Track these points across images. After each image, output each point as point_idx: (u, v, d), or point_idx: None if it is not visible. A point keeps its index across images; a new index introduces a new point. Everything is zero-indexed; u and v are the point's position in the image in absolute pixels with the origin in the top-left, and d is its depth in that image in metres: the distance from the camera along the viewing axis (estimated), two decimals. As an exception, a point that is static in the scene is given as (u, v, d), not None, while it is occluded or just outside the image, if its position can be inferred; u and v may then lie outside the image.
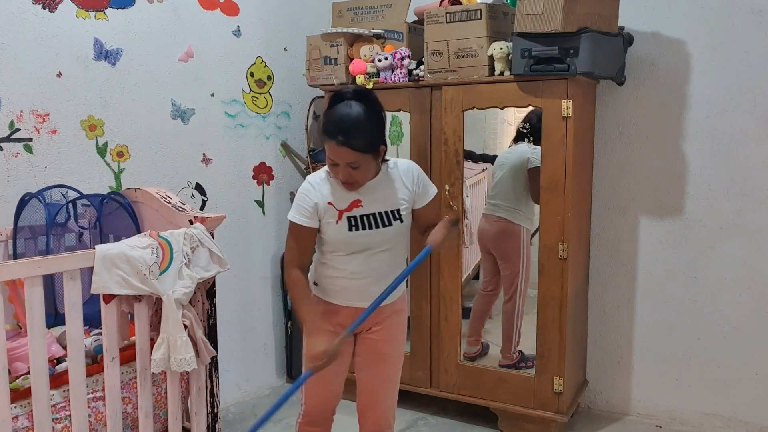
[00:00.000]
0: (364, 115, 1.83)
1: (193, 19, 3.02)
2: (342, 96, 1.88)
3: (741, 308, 2.84)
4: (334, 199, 1.95)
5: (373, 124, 1.86)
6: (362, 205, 1.95)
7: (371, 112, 1.86)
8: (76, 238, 2.48)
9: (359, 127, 1.82)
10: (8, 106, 2.38)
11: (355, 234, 1.96)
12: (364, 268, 2.00)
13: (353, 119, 1.82)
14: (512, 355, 3.07)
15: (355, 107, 1.84)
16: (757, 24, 2.69)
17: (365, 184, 1.94)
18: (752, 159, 2.76)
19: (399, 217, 2.00)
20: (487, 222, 3.20)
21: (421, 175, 2.06)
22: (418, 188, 2.04)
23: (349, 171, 1.86)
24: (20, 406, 1.98)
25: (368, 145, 1.84)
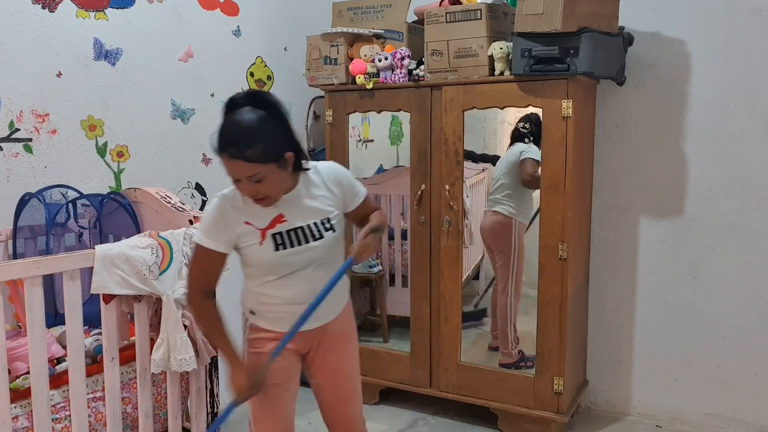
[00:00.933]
0: (258, 120, 1.60)
1: (193, 19, 3.02)
2: (234, 103, 1.65)
3: (741, 308, 2.84)
4: (252, 217, 1.72)
5: (270, 130, 1.62)
6: (286, 219, 1.73)
7: (267, 116, 1.62)
8: (76, 238, 2.48)
9: (252, 135, 1.58)
10: (8, 106, 2.38)
11: (283, 253, 1.73)
12: (305, 290, 1.77)
13: (244, 127, 1.59)
14: (511, 353, 3.08)
15: (246, 113, 1.61)
16: (757, 24, 2.69)
17: (282, 196, 1.72)
18: (752, 159, 2.76)
19: (331, 227, 1.79)
20: (485, 217, 3.30)
21: (347, 176, 1.87)
22: (345, 190, 1.84)
23: (254, 186, 1.62)
24: (20, 406, 1.98)
25: (266, 154, 1.59)
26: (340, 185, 1.83)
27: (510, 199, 3.14)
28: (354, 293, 3.36)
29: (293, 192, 1.75)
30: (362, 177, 3.60)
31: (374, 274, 3.51)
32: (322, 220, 1.78)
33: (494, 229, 3.22)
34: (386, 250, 3.68)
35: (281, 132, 1.65)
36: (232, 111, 1.64)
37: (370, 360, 3.18)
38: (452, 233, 2.89)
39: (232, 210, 1.72)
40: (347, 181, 1.86)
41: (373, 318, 3.66)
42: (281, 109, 1.68)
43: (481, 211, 3.55)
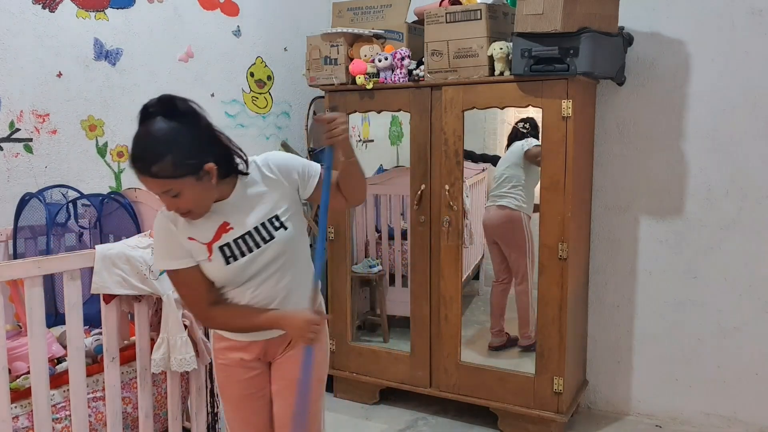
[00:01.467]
0: (166, 132, 1.46)
1: (193, 19, 3.02)
2: (145, 111, 1.51)
3: (741, 308, 2.84)
4: (194, 232, 1.59)
5: (182, 141, 1.46)
6: (232, 226, 1.60)
7: (179, 126, 1.47)
8: (76, 238, 2.48)
9: (159, 148, 1.44)
10: (8, 106, 2.38)
11: (235, 266, 1.61)
12: (266, 295, 1.66)
13: (151, 140, 1.46)
14: (531, 336, 3.12)
15: (155, 124, 1.47)
16: (757, 24, 2.69)
17: (223, 202, 1.59)
18: (752, 159, 2.76)
19: (281, 224, 1.65)
20: (489, 212, 3.34)
21: (290, 161, 1.69)
22: (292, 177, 1.67)
23: (173, 201, 1.50)
24: (20, 406, 1.98)
25: (177, 168, 1.44)
26: (285, 173, 1.67)
27: (516, 191, 3.21)
28: (354, 293, 3.36)
29: (233, 195, 1.61)
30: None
31: (374, 274, 3.51)
32: (270, 219, 1.64)
33: (504, 226, 3.27)
34: (386, 250, 3.68)
35: (196, 142, 1.49)
36: (143, 121, 1.51)
37: (370, 360, 3.19)
38: (452, 233, 2.89)
39: (173, 226, 1.59)
40: (292, 165, 1.68)
41: (373, 318, 3.66)
42: (197, 115, 1.52)
43: (481, 211, 3.56)
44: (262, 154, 1.70)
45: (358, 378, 3.22)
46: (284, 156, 1.71)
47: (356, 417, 3.11)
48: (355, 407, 3.20)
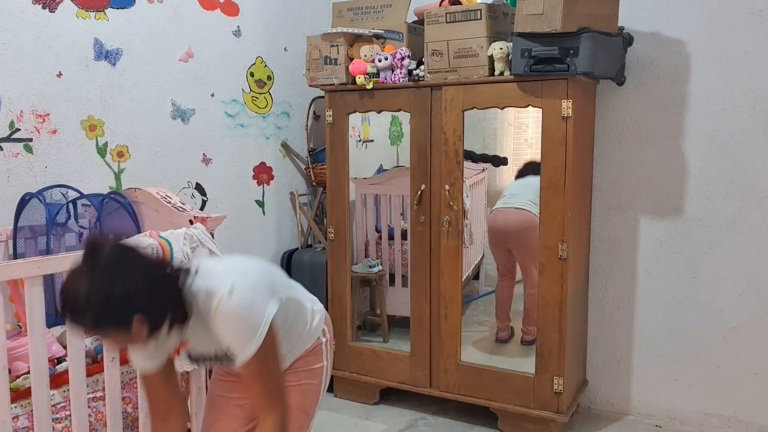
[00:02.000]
0: (88, 289, 1.33)
1: (193, 19, 3.02)
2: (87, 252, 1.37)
3: (741, 308, 2.84)
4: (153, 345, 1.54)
5: (103, 299, 1.33)
6: (190, 345, 1.59)
7: (99, 282, 1.33)
8: (76, 238, 2.47)
9: (79, 305, 1.33)
10: (8, 106, 2.38)
11: (200, 365, 1.70)
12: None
13: (71, 296, 1.34)
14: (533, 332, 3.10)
15: (78, 278, 1.34)
16: (757, 24, 2.69)
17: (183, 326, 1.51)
18: (752, 159, 2.76)
19: (221, 359, 1.62)
20: (506, 214, 3.28)
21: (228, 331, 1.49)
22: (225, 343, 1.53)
23: (106, 341, 1.49)
24: (20, 406, 1.98)
25: (99, 324, 1.37)
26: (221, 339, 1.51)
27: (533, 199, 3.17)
28: (354, 293, 3.36)
29: (191, 320, 1.51)
30: (362, 177, 3.61)
31: (374, 274, 3.51)
32: (225, 352, 1.56)
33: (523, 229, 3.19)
34: (386, 250, 3.68)
35: (121, 297, 1.35)
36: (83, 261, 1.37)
37: (370, 360, 3.19)
38: (452, 233, 2.89)
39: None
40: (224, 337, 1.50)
41: (373, 318, 3.66)
42: (127, 265, 1.38)
43: (481, 211, 3.56)
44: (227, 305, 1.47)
45: (358, 378, 3.22)
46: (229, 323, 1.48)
47: (356, 417, 3.11)
48: (355, 407, 3.20)
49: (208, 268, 1.55)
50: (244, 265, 1.62)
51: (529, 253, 3.23)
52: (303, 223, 3.62)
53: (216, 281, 1.49)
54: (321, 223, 3.65)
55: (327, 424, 3.02)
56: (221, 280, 1.50)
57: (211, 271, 1.54)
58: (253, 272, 1.59)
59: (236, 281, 1.50)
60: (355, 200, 3.54)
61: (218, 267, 1.58)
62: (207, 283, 1.49)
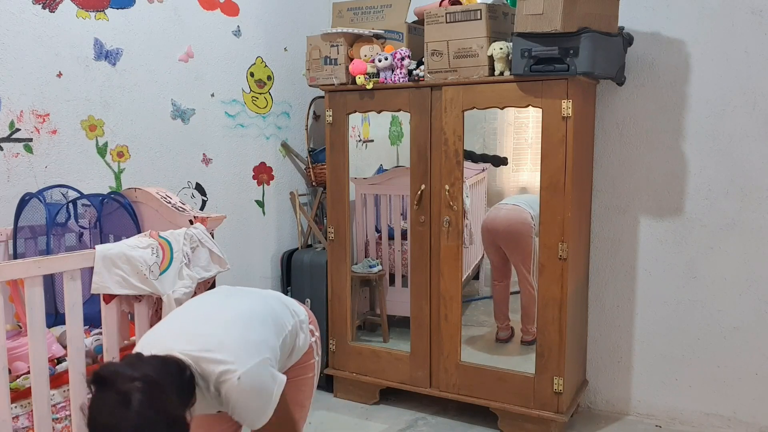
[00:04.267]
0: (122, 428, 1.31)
1: (193, 19, 3.02)
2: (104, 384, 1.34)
3: (741, 308, 2.84)
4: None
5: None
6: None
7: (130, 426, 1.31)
8: (76, 238, 2.48)
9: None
10: (8, 106, 2.38)
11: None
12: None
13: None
14: (533, 331, 3.13)
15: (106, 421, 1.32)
16: (757, 24, 2.69)
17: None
18: (752, 159, 2.76)
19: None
20: (499, 212, 3.32)
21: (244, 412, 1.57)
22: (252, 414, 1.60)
23: None
24: (20, 406, 1.98)
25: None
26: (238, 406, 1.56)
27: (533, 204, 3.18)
28: (354, 293, 3.36)
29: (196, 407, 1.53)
30: (362, 177, 3.61)
31: (374, 274, 3.51)
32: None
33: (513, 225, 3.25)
34: (386, 250, 3.68)
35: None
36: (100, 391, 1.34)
37: (370, 360, 3.19)
38: (452, 233, 2.89)
39: None
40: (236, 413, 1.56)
41: (373, 318, 3.66)
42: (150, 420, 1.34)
43: (480, 211, 3.56)
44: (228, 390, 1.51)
45: (358, 378, 3.22)
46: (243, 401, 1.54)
47: (356, 417, 3.11)
48: (355, 407, 3.20)
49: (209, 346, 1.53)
50: (245, 324, 1.64)
51: (521, 250, 3.25)
52: (303, 223, 3.62)
53: (220, 366, 1.50)
54: (321, 223, 3.65)
55: (327, 424, 3.02)
56: (227, 361, 1.51)
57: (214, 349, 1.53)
58: (256, 337, 1.62)
59: (242, 364, 1.52)
60: (355, 200, 3.55)
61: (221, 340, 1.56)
62: (212, 369, 1.50)
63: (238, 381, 1.49)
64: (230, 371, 1.50)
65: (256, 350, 1.59)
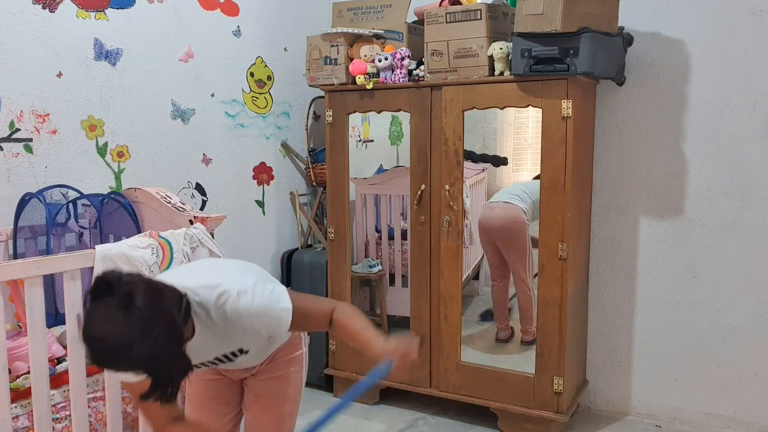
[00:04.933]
0: (122, 340, 1.25)
1: (193, 19, 3.02)
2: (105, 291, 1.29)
3: (741, 308, 2.84)
4: None
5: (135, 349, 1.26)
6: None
7: (133, 333, 1.26)
8: (76, 238, 2.48)
9: (112, 356, 1.28)
10: (8, 106, 2.38)
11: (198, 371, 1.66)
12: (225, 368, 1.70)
13: (103, 346, 1.27)
14: (532, 331, 3.13)
15: (111, 326, 1.26)
16: (757, 24, 2.69)
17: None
18: (752, 159, 2.76)
19: (244, 351, 1.62)
20: (493, 210, 3.31)
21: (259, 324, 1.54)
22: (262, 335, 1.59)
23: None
24: (20, 406, 1.98)
25: (128, 369, 1.32)
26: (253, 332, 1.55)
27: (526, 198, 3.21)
28: (354, 293, 3.36)
29: (194, 340, 1.49)
30: (362, 177, 3.61)
31: (374, 274, 3.51)
32: (233, 351, 1.59)
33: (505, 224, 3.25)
34: (386, 250, 3.68)
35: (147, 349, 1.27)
36: (98, 298, 1.29)
37: (370, 360, 3.18)
38: (452, 233, 2.89)
39: None
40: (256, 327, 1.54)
41: (373, 318, 3.66)
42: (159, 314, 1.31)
43: (480, 212, 3.55)
44: (232, 307, 1.49)
45: (358, 378, 3.22)
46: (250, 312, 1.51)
47: (356, 417, 3.11)
48: (355, 407, 3.20)
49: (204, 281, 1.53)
50: (236, 267, 1.67)
51: (516, 249, 3.25)
52: (303, 223, 3.62)
53: (217, 289, 1.50)
54: (321, 223, 3.65)
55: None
56: (223, 284, 1.51)
57: (209, 280, 1.53)
58: (249, 273, 1.62)
59: (238, 284, 1.52)
60: (355, 200, 3.55)
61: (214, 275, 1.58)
62: (209, 294, 1.49)
63: (237, 295, 1.49)
64: (228, 291, 1.49)
65: (250, 274, 1.60)
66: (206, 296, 1.48)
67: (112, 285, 1.29)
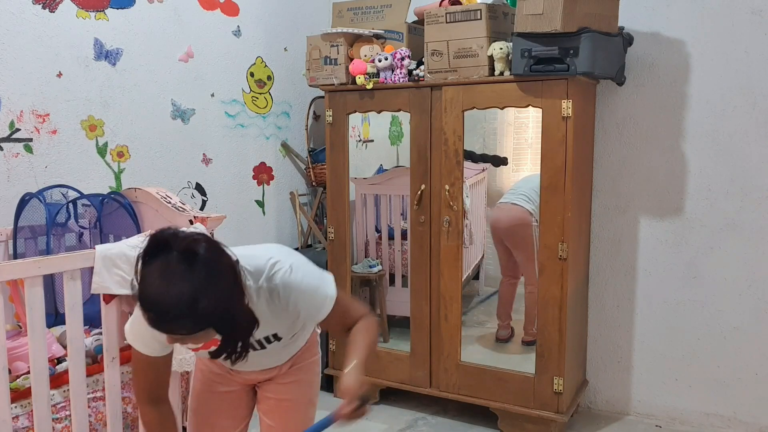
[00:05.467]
0: (188, 293, 1.21)
1: (193, 19, 3.02)
2: (162, 249, 1.25)
3: (741, 308, 2.84)
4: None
5: (202, 302, 1.22)
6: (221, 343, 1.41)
7: (199, 285, 1.22)
8: (76, 238, 2.48)
9: (178, 313, 1.22)
10: (8, 106, 2.38)
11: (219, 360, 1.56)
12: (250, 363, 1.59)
13: (168, 303, 1.22)
14: (533, 332, 3.12)
15: (174, 281, 1.22)
16: (757, 24, 2.69)
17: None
18: (752, 159, 2.76)
19: (278, 338, 1.58)
20: (501, 211, 3.34)
21: (303, 303, 1.49)
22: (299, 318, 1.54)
23: (182, 341, 1.34)
24: (20, 406, 1.98)
25: (195, 327, 1.27)
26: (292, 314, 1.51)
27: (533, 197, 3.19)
28: (354, 293, 3.36)
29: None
30: (362, 177, 3.61)
31: (374, 274, 3.51)
32: (267, 337, 1.56)
33: (512, 226, 3.28)
34: (386, 250, 3.68)
35: (218, 299, 1.26)
36: (156, 257, 1.25)
37: (370, 360, 3.18)
38: (452, 233, 2.89)
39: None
40: (302, 307, 1.50)
41: (373, 318, 3.66)
42: (216, 265, 1.27)
43: (481, 211, 3.56)
44: (283, 279, 1.45)
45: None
46: (299, 292, 1.47)
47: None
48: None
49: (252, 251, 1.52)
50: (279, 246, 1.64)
51: (523, 249, 3.27)
52: (303, 223, 3.62)
53: (270, 260, 1.47)
54: (321, 223, 3.65)
55: (327, 424, 3.02)
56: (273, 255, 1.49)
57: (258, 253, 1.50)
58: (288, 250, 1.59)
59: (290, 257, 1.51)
60: (355, 200, 3.55)
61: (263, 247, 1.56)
62: (262, 263, 1.46)
63: (290, 268, 1.46)
64: (280, 261, 1.46)
65: (294, 251, 1.58)
66: (258, 265, 1.45)
67: (168, 241, 1.24)
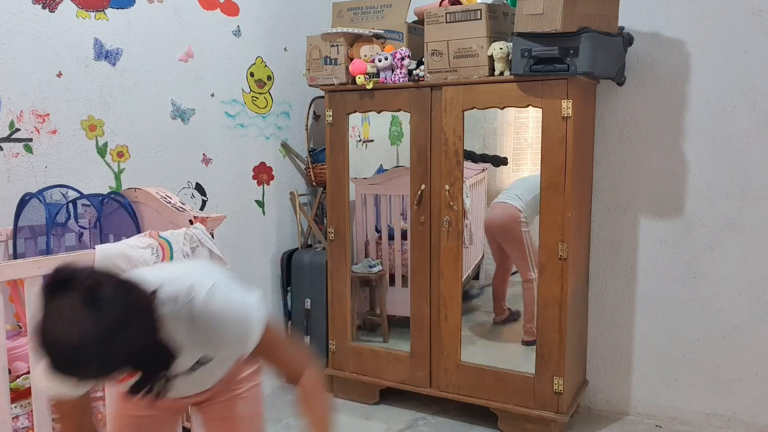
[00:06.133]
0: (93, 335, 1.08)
1: (193, 19, 3.02)
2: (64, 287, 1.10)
3: (741, 308, 2.84)
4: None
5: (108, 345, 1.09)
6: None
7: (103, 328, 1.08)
8: (76, 238, 2.48)
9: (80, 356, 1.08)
10: (8, 106, 2.38)
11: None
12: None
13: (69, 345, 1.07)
14: (533, 332, 3.12)
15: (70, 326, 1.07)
16: (757, 24, 2.69)
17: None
18: (752, 159, 2.76)
19: (208, 359, 1.43)
20: (493, 210, 3.43)
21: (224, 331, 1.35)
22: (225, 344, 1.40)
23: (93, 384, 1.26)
24: (20, 406, 1.98)
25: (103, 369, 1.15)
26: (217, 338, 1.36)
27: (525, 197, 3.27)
28: (354, 293, 3.36)
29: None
30: (362, 177, 3.61)
31: (374, 274, 3.51)
32: (194, 363, 1.42)
33: (501, 224, 3.36)
34: (386, 250, 3.68)
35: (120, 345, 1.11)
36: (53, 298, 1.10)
37: (370, 360, 3.19)
38: (452, 233, 2.89)
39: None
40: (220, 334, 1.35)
41: (373, 318, 3.66)
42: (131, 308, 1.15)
43: (481, 211, 3.56)
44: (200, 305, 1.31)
45: (358, 378, 3.22)
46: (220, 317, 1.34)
47: (356, 417, 3.11)
48: (355, 407, 3.20)
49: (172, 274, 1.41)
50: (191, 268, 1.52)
51: (514, 245, 3.33)
52: (303, 223, 3.62)
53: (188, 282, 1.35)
54: (321, 223, 3.65)
55: (327, 424, 3.02)
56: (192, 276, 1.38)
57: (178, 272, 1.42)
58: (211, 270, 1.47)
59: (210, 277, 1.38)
60: (355, 200, 3.55)
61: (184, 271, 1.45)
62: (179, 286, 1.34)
63: (207, 293, 1.32)
64: (197, 285, 1.33)
65: (220, 269, 1.46)
66: (176, 288, 1.33)
67: (68, 282, 1.11)
